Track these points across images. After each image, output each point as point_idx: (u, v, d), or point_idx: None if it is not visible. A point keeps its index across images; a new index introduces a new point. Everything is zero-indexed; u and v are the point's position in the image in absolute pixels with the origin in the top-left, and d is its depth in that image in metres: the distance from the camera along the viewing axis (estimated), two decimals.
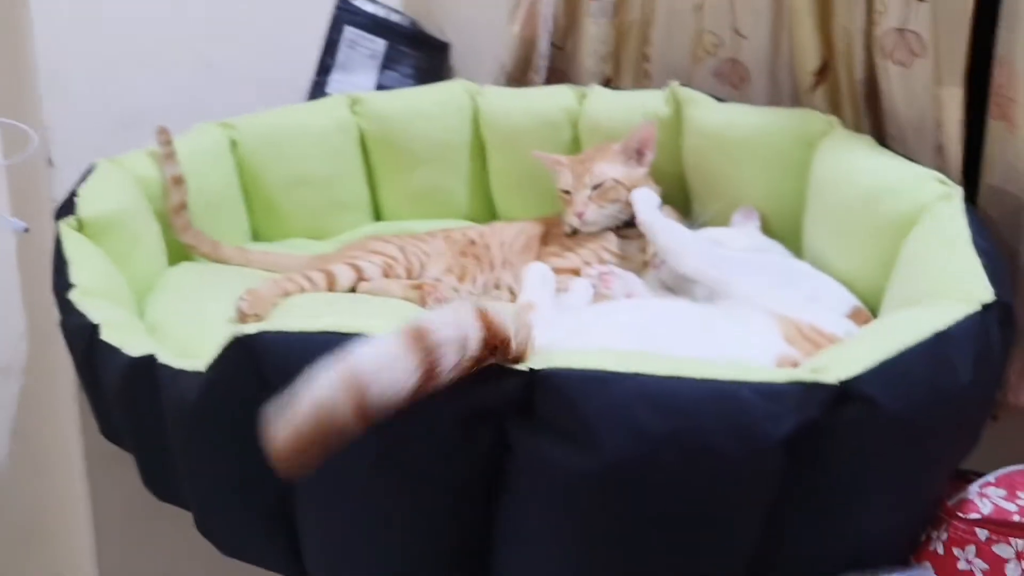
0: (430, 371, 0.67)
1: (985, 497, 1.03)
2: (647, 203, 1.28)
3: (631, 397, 0.75)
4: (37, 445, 1.69)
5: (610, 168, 1.36)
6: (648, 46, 1.61)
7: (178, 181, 1.39)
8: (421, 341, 0.68)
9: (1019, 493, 1.05)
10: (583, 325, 1.02)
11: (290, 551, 0.87)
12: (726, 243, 1.28)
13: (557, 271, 1.29)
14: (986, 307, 0.89)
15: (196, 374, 0.84)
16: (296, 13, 1.90)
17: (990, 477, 1.07)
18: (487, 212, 1.73)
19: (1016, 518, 0.95)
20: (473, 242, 1.44)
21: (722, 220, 1.39)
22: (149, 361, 0.91)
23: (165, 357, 0.90)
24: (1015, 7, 1.10)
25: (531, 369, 0.75)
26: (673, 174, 1.48)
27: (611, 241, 1.36)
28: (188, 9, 1.77)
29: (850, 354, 0.82)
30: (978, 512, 0.96)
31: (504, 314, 0.75)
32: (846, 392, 0.78)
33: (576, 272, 1.30)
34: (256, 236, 1.64)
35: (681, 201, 1.49)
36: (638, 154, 1.37)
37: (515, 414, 0.76)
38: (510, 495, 0.79)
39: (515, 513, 0.80)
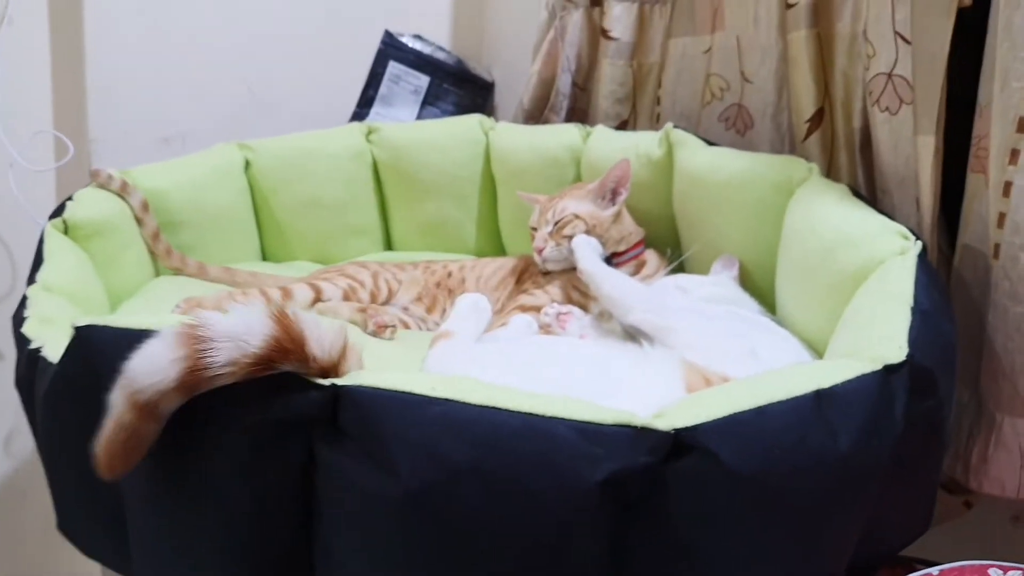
0: (195, 364, 0.67)
1: None
2: (588, 251, 1.22)
3: (435, 423, 0.71)
4: None
5: (574, 204, 1.31)
6: (661, 89, 1.56)
7: (145, 208, 1.39)
8: (190, 335, 0.68)
9: None
10: (482, 359, 0.99)
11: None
12: (689, 290, 1.21)
13: (525, 308, 1.27)
14: (889, 369, 0.80)
15: (52, 365, 0.85)
16: (342, 46, 1.96)
17: (934, 570, 0.96)
18: (495, 247, 1.71)
19: None
20: (450, 275, 1.42)
21: (702, 264, 1.32)
22: (36, 353, 0.91)
23: (50, 351, 0.89)
24: (993, 53, 1.00)
25: (334, 384, 0.73)
26: (664, 216, 1.42)
27: (580, 280, 1.31)
28: (235, 36, 1.86)
29: (703, 403, 0.75)
30: None
31: (311, 322, 0.73)
32: (681, 442, 0.72)
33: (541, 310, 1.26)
34: (266, 256, 1.67)
35: (673, 243, 1.43)
36: (613, 193, 1.32)
37: (320, 430, 0.73)
38: (323, 513, 0.76)
39: (328, 532, 0.76)
